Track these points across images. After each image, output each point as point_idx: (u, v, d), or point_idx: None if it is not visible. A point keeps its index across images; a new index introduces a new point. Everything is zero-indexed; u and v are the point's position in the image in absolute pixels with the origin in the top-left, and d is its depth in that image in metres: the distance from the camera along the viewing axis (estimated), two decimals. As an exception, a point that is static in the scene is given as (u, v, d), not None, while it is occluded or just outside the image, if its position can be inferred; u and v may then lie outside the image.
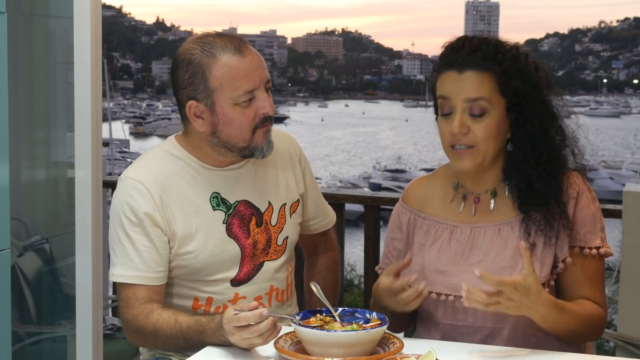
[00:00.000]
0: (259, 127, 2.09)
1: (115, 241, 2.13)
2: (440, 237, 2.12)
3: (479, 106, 2.00)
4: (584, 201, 2.06)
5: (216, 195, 2.16)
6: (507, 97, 2.02)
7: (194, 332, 1.97)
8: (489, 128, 2.00)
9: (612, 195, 20.40)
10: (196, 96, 2.08)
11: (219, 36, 2.10)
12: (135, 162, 2.22)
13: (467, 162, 2.02)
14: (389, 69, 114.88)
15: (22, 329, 3.41)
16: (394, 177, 35.99)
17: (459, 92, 2.00)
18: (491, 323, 2.05)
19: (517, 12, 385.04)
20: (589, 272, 2.05)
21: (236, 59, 2.06)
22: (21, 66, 3.54)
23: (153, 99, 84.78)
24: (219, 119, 2.08)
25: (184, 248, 2.13)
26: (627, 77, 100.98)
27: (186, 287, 2.18)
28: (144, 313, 2.06)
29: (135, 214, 2.11)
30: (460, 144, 2.02)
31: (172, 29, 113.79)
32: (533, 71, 2.06)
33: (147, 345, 2.18)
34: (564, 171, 2.08)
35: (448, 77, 2.03)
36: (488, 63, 2.01)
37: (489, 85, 2.00)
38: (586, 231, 2.05)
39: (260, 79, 2.07)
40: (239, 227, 2.17)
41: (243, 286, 2.18)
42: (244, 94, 2.05)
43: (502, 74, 2.01)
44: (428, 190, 2.20)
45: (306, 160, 2.36)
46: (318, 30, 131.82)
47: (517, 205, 2.06)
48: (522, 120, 2.03)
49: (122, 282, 2.12)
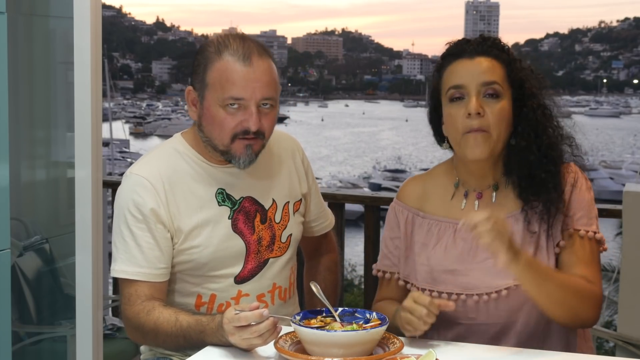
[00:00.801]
0: (239, 137, 2.09)
1: (118, 237, 2.14)
2: (444, 235, 2.12)
3: (494, 89, 2.02)
4: (579, 188, 2.08)
5: (222, 191, 2.17)
6: (514, 87, 2.05)
7: (194, 331, 1.98)
8: (502, 112, 2.02)
9: (612, 195, 20.37)
10: (195, 84, 2.13)
11: (240, 40, 2.11)
12: (141, 159, 2.23)
13: (481, 149, 2.01)
14: (389, 69, 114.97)
15: (22, 329, 3.41)
16: (394, 177, 35.97)
17: (473, 77, 2.02)
18: (503, 319, 2.04)
19: (517, 12, 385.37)
20: (582, 254, 2.05)
21: (237, 65, 2.07)
22: (21, 66, 3.54)
23: (153, 99, 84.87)
24: (203, 113, 2.11)
25: (190, 243, 2.14)
26: (627, 77, 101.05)
27: (189, 284, 2.19)
28: (145, 310, 2.07)
29: (139, 210, 2.11)
30: (474, 128, 2.00)
31: (172, 29, 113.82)
32: (529, 71, 2.10)
33: (147, 343, 2.19)
34: (562, 163, 2.09)
35: (460, 65, 2.05)
36: (497, 51, 2.05)
37: (500, 72, 2.04)
38: (581, 215, 2.06)
39: (253, 92, 2.06)
40: (244, 223, 2.18)
41: (246, 283, 2.19)
42: (230, 99, 2.06)
43: (509, 64, 2.06)
44: (426, 188, 2.19)
45: (308, 161, 2.38)
46: (318, 30, 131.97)
47: (518, 193, 2.07)
48: (525, 112, 2.05)
49: (123, 277, 2.12)
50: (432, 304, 1.91)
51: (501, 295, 2.02)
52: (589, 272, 2.04)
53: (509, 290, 2.02)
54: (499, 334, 2.05)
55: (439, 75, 2.09)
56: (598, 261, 2.08)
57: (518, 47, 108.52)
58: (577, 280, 2.00)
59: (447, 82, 2.06)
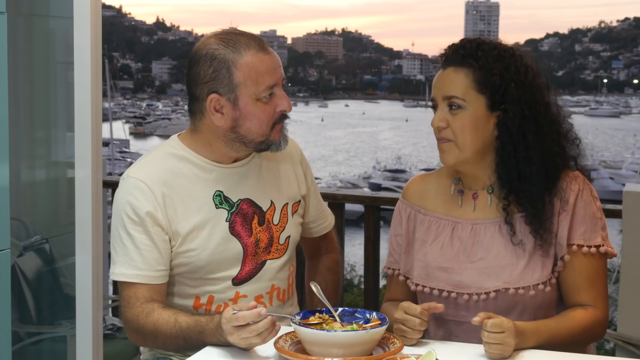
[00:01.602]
0: (277, 123, 2.13)
1: (117, 240, 2.14)
2: (442, 233, 2.14)
3: (454, 102, 2.06)
4: (583, 201, 2.07)
5: (219, 193, 2.17)
6: (486, 94, 2.05)
7: (193, 332, 1.98)
8: (462, 123, 2.05)
9: (612, 195, 20.36)
10: (219, 90, 2.10)
11: (241, 34, 2.14)
12: (137, 161, 2.23)
13: (447, 156, 2.09)
14: (389, 69, 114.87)
15: (22, 329, 3.41)
16: (394, 177, 35.95)
17: (439, 89, 2.09)
18: None
19: (517, 12, 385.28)
20: (588, 272, 2.05)
21: (260, 56, 2.10)
22: (21, 66, 3.53)
23: (153, 99, 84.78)
24: (240, 113, 2.10)
25: (187, 245, 2.14)
26: (627, 77, 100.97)
27: (188, 286, 2.18)
28: (144, 312, 2.07)
29: (136, 212, 2.11)
30: (440, 137, 2.09)
31: (172, 29, 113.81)
32: (521, 73, 2.07)
33: (147, 345, 2.19)
34: (564, 171, 2.09)
35: (437, 75, 2.12)
36: (466, 59, 2.07)
37: (464, 82, 2.06)
38: (586, 229, 2.06)
39: (280, 76, 2.13)
40: (242, 225, 2.18)
41: (244, 285, 2.19)
42: (266, 89, 2.09)
43: (479, 70, 2.05)
44: (428, 186, 2.22)
45: (307, 162, 2.38)
46: (318, 30, 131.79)
47: (501, 206, 2.08)
48: (504, 119, 2.06)
49: (123, 280, 2.12)
50: (422, 313, 1.95)
51: (490, 297, 2.04)
52: (594, 293, 2.05)
53: (497, 293, 2.04)
54: None
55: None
56: (604, 277, 2.09)
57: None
58: (582, 320, 2.02)
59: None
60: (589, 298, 2.04)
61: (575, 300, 2.06)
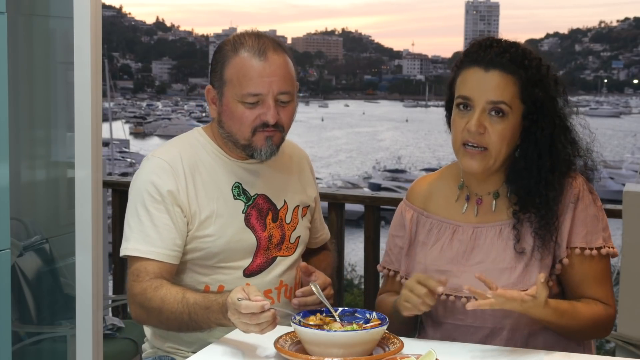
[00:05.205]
0: (259, 129, 2.14)
1: (134, 216, 2.16)
2: (443, 236, 2.14)
3: (500, 109, 1.99)
4: (583, 203, 2.07)
5: (238, 184, 2.22)
6: (526, 105, 2.01)
7: (200, 307, 1.99)
8: (504, 132, 2.00)
9: (612, 195, 20.29)
10: (214, 83, 2.18)
11: (256, 37, 2.16)
12: (163, 145, 2.28)
13: (477, 164, 2.02)
14: (389, 69, 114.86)
15: (22, 329, 3.41)
16: (394, 177, 35.93)
17: (482, 92, 1.99)
18: (491, 323, 2.05)
19: (517, 12, 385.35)
20: (594, 273, 2.05)
21: (253, 61, 2.11)
22: (21, 66, 3.53)
23: (153, 99, 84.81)
24: (223, 109, 2.16)
25: (204, 231, 2.17)
26: (627, 77, 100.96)
27: (199, 274, 2.21)
28: (152, 286, 2.09)
29: (158, 190, 2.15)
30: (473, 143, 2.01)
31: (172, 29, 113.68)
32: (552, 83, 2.05)
33: (150, 322, 2.18)
34: (567, 176, 2.08)
35: (472, 73, 2.02)
36: (514, 67, 2.00)
37: (512, 89, 2.00)
38: (587, 232, 2.05)
39: (269, 86, 2.11)
40: (257, 219, 2.22)
41: (254, 277, 2.22)
42: (249, 95, 2.11)
43: (526, 80, 2.00)
44: (432, 189, 2.21)
45: (314, 177, 2.43)
46: (318, 30, 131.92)
47: (511, 212, 2.07)
48: (534, 129, 2.02)
49: (135, 255, 2.13)
50: (432, 286, 1.94)
51: None
52: (604, 291, 2.05)
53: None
54: (487, 337, 2.06)
55: (456, 74, 2.07)
56: (609, 277, 2.08)
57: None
58: (595, 310, 2.02)
59: (459, 88, 2.04)
60: (599, 296, 2.05)
61: (585, 297, 2.06)
